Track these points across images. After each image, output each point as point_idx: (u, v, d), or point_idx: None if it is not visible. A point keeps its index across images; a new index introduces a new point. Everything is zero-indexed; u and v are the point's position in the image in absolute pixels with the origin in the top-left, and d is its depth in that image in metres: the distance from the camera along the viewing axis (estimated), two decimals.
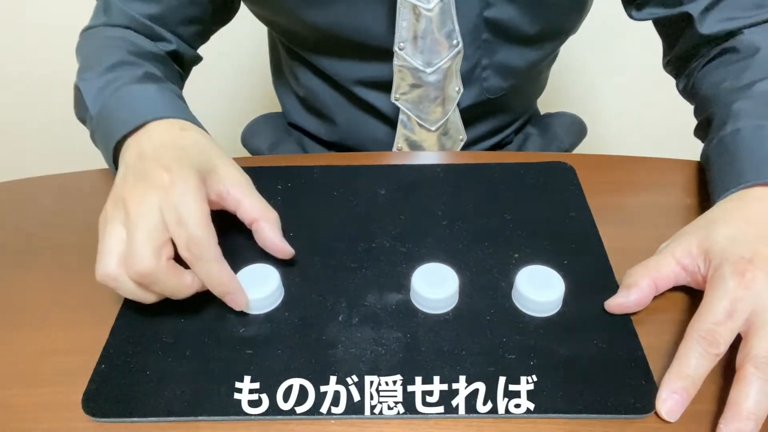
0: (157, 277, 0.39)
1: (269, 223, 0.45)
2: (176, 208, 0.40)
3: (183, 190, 0.40)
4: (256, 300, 0.43)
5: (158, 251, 0.39)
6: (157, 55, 0.59)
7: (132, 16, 0.59)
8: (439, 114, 0.62)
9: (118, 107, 0.49)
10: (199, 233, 0.39)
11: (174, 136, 0.46)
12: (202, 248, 0.40)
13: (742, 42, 0.54)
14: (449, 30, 0.56)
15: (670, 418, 0.36)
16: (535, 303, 0.42)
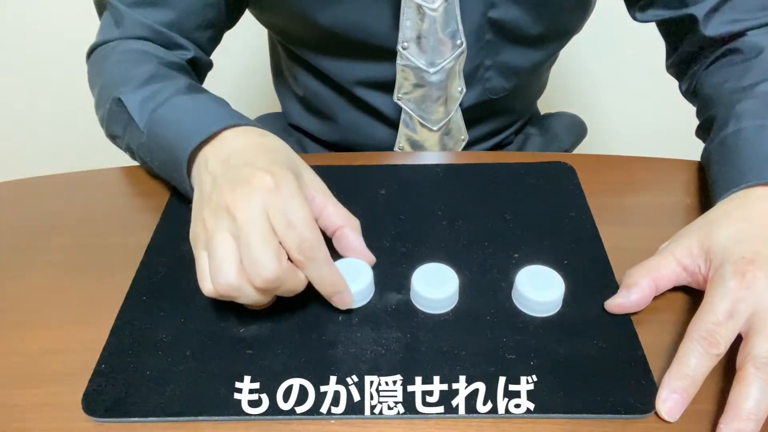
0: (282, 281, 0.38)
1: (353, 231, 0.45)
2: (284, 211, 0.39)
3: (288, 192, 0.40)
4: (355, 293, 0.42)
5: (278, 255, 0.38)
6: (181, 65, 0.58)
7: (148, 25, 0.57)
8: (442, 114, 0.62)
9: (178, 119, 0.48)
10: (310, 236, 0.39)
11: (257, 141, 0.45)
12: (314, 250, 0.39)
13: (745, 43, 0.54)
14: (453, 30, 0.56)
15: (670, 418, 0.36)
16: (535, 303, 0.42)
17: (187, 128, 0.47)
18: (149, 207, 0.53)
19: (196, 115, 0.48)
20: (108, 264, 0.48)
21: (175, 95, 0.50)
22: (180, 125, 0.48)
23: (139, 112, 0.50)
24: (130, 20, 0.57)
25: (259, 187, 0.39)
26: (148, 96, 0.51)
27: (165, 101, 0.50)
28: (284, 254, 0.39)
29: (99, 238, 0.51)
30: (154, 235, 0.50)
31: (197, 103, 0.50)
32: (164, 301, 0.44)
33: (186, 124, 0.48)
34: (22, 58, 1.25)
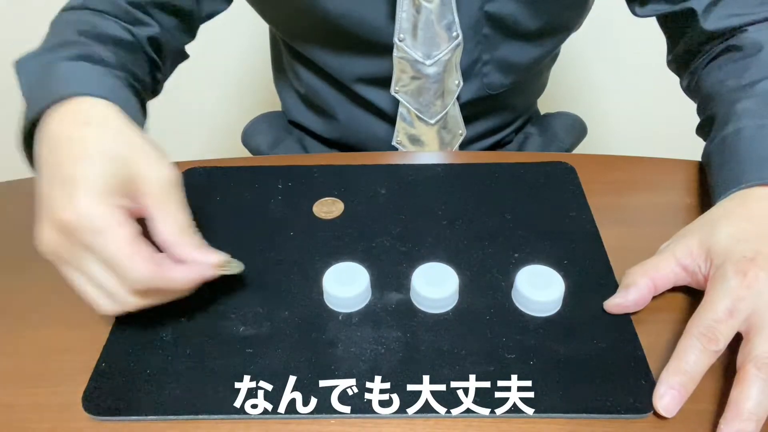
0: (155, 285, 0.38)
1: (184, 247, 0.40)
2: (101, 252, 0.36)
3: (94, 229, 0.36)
4: (348, 298, 0.42)
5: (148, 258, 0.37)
6: (121, 39, 0.54)
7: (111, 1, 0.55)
8: (439, 107, 0.62)
9: (38, 85, 0.45)
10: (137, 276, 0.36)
11: (78, 133, 0.39)
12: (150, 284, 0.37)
13: (745, 40, 0.54)
14: (449, 22, 0.56)
15: (667, 413, 0.36)
16: (535, 303, 0.42)
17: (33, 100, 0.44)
18: None
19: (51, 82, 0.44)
20: None
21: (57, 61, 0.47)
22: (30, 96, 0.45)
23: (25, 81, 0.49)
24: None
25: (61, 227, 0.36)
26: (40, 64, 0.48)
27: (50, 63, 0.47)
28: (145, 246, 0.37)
29: None
30: None
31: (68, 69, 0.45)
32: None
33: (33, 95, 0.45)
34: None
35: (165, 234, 0.39)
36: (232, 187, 0.54)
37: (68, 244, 0.37)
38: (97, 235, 0.36)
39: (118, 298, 0.38)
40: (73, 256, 0.37)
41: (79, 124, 0.40)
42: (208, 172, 0.56)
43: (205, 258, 0.40)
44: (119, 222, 0.37)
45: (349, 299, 0.43)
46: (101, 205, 0.36)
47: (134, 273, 0.36)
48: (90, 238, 0.36)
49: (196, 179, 0.55)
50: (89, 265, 0.37)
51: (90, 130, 0.40)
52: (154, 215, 0.39)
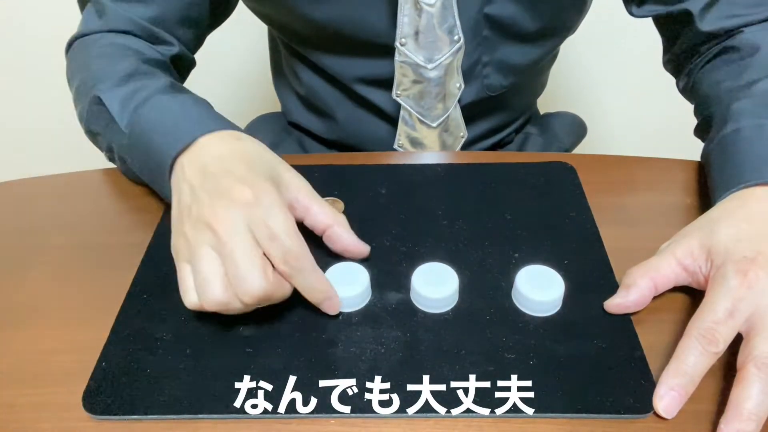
0: (270, 294, 0.39)
1: (343, 227, 0.45)
2: (266, 223, 0.39)
3: (269, 203, 0.40)
4: (348, 298, 0.42)
5: (264, 270, 0.38)
6: (162, 62, 0.57)
7: (132, 19, 0.57)
8: (440, 110, 0.62)
9: (158, 120, 0.47)
10: (294, 246, 0.39)
11: (233, 148, 0.44)
12: (299, 260, 0.39)
13: (742, 41, 0.54)
14: (450, 25, 0.56)
15: (667, 414, 0.36)
16: (535, 303, 0.42)
17: (168, 133, 0.46)
18: (149, 207, 0.53)
19: (176, 118, 0.47)
20: (108, 264, 0.48)
21: (156, 94, 0.49)
22: (161, 129, 0.47)
23: (119, 111, 0.49)
24: (113, 13, 0.57)
25: (239, 201, 0.39)
26: (128, 94, 0.50)
27: (145, 100, 0.49)
28: (270, 267, 0.39)
29: (99, 238, 0.51)
30: (154, 235, 0.50)
31: (179, 104, 0.48)
32: (164, 300, 0.44)
33: (167, 128, 0.46)
34: (21, 58, 1.25)
35: (325, 217, 0.44)
36: None
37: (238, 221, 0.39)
38: (271, 210, 0.39)
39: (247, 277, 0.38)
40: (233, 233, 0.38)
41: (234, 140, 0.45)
42: None
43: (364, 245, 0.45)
44: (285, 205, 0.41)
45: (349, 299, 0.43)
46: (275, 189, 0.41)
47: (295, 246, 0.39)
48: (264, 213, 0.39)
49: None
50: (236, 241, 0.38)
51: (243, 143, 0.45)
52: (310, 205, 0.44)
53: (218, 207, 0.39)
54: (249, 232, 0.39)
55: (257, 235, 0.39)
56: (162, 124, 0.47)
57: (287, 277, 0.40)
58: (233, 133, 0.46)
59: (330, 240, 0.45)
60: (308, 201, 0.44)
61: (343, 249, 0.45)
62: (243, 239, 0.38)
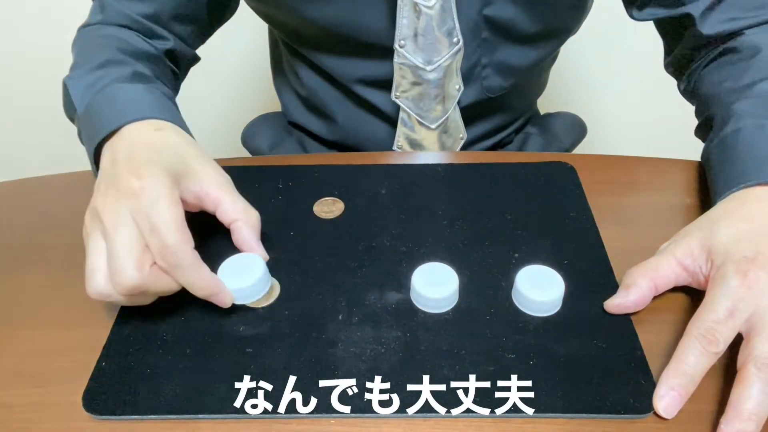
0: (145, 287, 0.39)
1: (247, 225, 0.44)
2: (148, 215, 0.39)
3: (154, 195, 0.39)
4: (240, 289, 0.42)
5: (140, 263, 0.38)
6: (150, 54, 0.58)
7: (128, 14, 0.58)
8: (440, 112, 0.62)
9: (102, 107, 0.48)
10: (172, 241, 0.39)
11: (147, 138, 0.44)
12: (177, 256, 0.39)
13: (743, 43, 0.54)
14: (449, 27, 0.56)
15: (667, 414, 0.36)
16: (535, 303, 0.42)
17: (102, 120, 0.47)
18: None
19: (115, 105, 0.48)
20: None
21: (114, 82, 0.50)
22: (100, 115, 0.48)
23: (81, 98, 0.50)
24: (110, 8, 0.59)
25: (125, 192, 0.40)
26: (93, 82, 0.51)
27: (103, 87, 0.50)
28: (148, 260, 0.39)
29: None
30: None
31: (127, 92, 0.49)
32: (164, 300, 0.44)
33: (104, 115, 0.47)
34: (21, 58, 1.25)
35: (233, 213, 0.44)
36: None
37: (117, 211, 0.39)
38: (154, 202, 0.39)
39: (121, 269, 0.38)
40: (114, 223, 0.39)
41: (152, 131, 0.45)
42: None
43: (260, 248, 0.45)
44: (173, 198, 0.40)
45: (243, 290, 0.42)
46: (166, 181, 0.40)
47: (173, 241, 0.39)
48: (146, 204, 0.39)
49: None
50: (117, 232, 0.39)
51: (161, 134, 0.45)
52: (221, 198, 0.44)
53: (108, 197, 0.40)
54: (133, 224, 0.39)
55: (140, 226, 0.39)
56: (102, 110, 0.48)
57: (166, 272, 0.40)
58: (157, 122, 0.46)
59: (233, 234, 0.45)
60: (219, 194, 0.44)
61: (240, 245, 0.45)
62: (124, 231, 0.39)
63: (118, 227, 0.39)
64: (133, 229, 0.39)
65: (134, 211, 0.39)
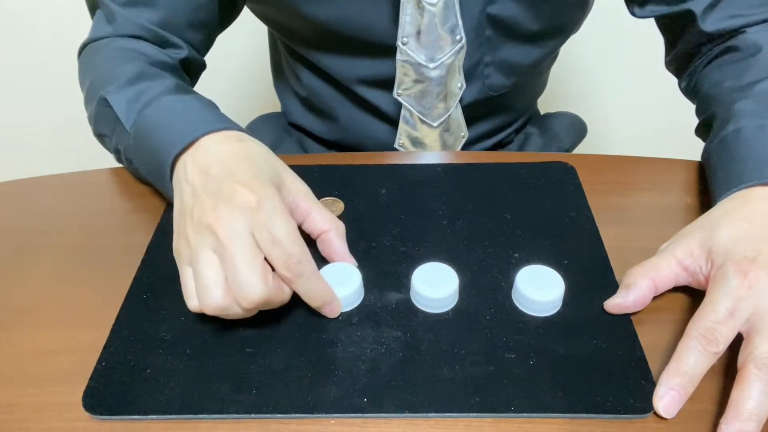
0: (270, 301, 0.39)
1: (337, 235, 0.45)
2: (268, 228, 0.39)
3: (271, 208, 0.39)
4: (341, 298, 0.42)
5: (264, 276, 0.38)
6: (171, 65, 0.58)
7: (140, 24, 0.57)
8: (441, 110, 0.62)
9: (163, 119, 0.48)
10: (295, 251, 0.39)
11: (235, 149, 0.44)
12: (300, 266, 0.39)
13: (744, 41, 0.54)
14: (452, 25, 0.56)
15: (667, 414, 0.36)
16: (535, 303, 0.42)
17: (170, 133, 0.46)
18: (149, 207, 0.53)
19: (179, 118, 0.47)
20: (108, 264, 0.48)
21: (161, 95, 0.49)
22: (164, 129, 0.47)
23: (125, 112, 0.50)
24: (122, 19, 0.57)
25: (242, 205, 0.39)
26: (134, 96, 0.50)
27: (151, 101, 0.49)
28: (269, 273, 0.39)
29: (99, 238, 0.51)
30: (154, 234, 0.50)
31: (183, 104, 0.49)
32: (165, 300, 0.44)
33: (170, 128, 0.47)
34: (22, 58, 1.25)
35: (323, 223, 0.44)
36: None
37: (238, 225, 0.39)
38: (274, 215, 0.39)
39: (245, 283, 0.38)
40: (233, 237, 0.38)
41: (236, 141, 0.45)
42: None
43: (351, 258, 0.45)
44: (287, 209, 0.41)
45: (342, 299, 0.42)
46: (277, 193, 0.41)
47: (297, 251, 0.39)
48: (267, 218, 0.39)
49: None
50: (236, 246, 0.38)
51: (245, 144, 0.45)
52: (310, 209, 0.44)
53: (221, 211, 0.39)
54: (251, 237, 0.38)
55: (259, 240, 0.39)
56: (165, 124, 0.47)
57: (288, 282, 0.40)
58: (236, 133, 0.46)
59: (322, 245, 0.45)
60: (308, 205, 0.44)
61: (330, 255, 0.45)
62: (244, 244, 0.38)
63: (237, 241, 0.38)
64: (252, 243, 0.38)
65: (253, 225, 0.39)
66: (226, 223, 0.38)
